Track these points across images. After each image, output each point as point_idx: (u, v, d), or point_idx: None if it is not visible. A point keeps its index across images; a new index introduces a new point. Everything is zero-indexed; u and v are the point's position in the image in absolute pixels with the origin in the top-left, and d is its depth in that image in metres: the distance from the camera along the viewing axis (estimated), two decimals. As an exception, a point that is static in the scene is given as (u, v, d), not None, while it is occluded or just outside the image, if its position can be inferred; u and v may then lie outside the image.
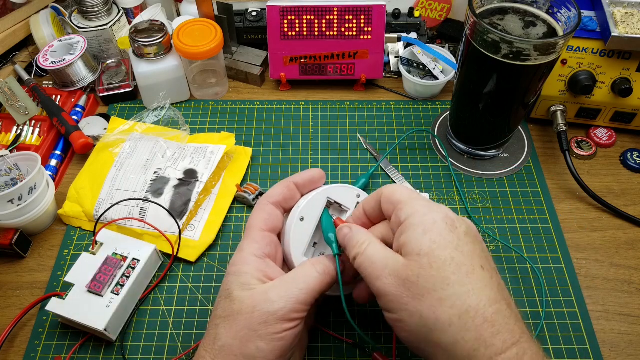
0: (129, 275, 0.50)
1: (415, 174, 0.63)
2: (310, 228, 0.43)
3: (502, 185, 0.62)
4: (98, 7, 0.70)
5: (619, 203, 0.59)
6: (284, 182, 0.45)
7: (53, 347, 0.49)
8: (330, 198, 0.44)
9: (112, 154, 0.62)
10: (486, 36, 0.49)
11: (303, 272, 0.40)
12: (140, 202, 0.56)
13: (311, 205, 0.44)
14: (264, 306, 0.37)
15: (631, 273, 0.54)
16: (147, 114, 0.67)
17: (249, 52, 0.75)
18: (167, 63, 0.66)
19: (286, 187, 0.44)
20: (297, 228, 0.43)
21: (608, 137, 0.65)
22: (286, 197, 0.44)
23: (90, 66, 0.70)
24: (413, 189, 0.40)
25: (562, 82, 0.62)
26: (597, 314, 0.51)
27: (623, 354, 0.48)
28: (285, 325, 0.37)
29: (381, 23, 0.66)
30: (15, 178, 0.58)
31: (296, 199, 0.45)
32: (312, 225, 0.43)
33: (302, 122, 0.69)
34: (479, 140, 0.62)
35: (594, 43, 0.59)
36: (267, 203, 0.43)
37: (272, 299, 0.37)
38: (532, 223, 0.58)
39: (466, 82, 0.57)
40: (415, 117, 0.69)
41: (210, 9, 0.69)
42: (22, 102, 0.65)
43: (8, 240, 0.53)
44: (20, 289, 0.53)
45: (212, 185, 0.60)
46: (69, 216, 0.58)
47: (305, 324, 0.45)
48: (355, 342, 0.49)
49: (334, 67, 0.70)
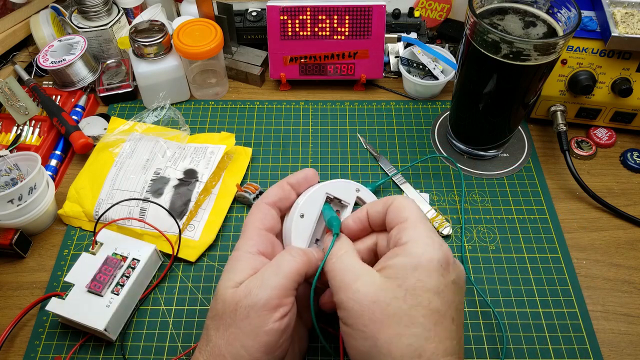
0: (129, 275, 0.50)
1: (415, 174, 0.63)
2: (310, 224, 0.43)
3: (502, 185, 0.62)
4: (98, 7, 0.70)
5: (619, 203, 0.59)
6: (279, 184, 0.45)
7: (53, 347, 0.49)
8: (329, 194, 0.44)
9: (112, 154, 0.62)
10: (486, 36, 0.49)
11: (278, 259, 0.39)
12: (140, 202, 0.56)
13: (311, 202, 0.44)
14: (245, 301, 0.36)
15: (631, 273, 0.54)
16: (147, 114, 0.67)
17: (249, 52, 0.75)
18: (167, 63, 0.66)
19: (281, 187, 0.44)
20: (297, 225, 0.43)
21: (608, 137, 0.65)
22: (281, 197, 0.44)
23: (90, 66, 0.70)
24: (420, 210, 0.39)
25: (562, 82, 0.62)
26: (597, 314, 0.51)
27: (623, 354, 0.48)
28: (269, 316, 0.36)
29: (381, 23, 0.66)
30: (15, 178, 0.58)
31: (291, 198, 0.45)
32: (312, 222, 0.43)
33: (302, 122, 0.69)
34: (479, 140, 0.62)
35: (594, 43, 0.59)
36: (262, 203, 0.44)
37: (252, 292, 0.37)
38: (532, 223, 0.58)
39: (466, 82, 0.57)
40: (415, 117, 0.69)
41: (210, 9, 0.69)
42: (22, 102, 0.65)
43: (8, 240, 0.53)
44: (20, 289, 0.53)
45: (212, 185, 0.60)
46: (69, 216, 0.58)
47: (303, 323, 0.45)
48: None
49: (334, 67, 0.70)
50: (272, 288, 0.37)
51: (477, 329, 0.50)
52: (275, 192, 0.44)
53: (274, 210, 0.44)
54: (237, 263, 0.40)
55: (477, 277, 0.54)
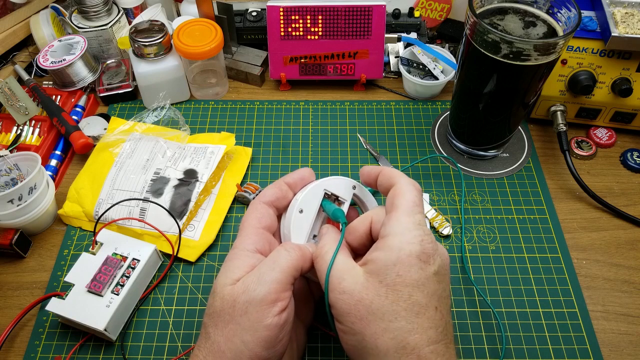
0: (129, 275, 0.50)
1: (416, 174, 0.63)
2: (309, 220, 0.44)
3: (502, 185, 0.62)
4: (98, 7, 0.70)
5: (619, 203, 0.59)
6: (276, 183, 0.45)
7: (53, 347, 0.49)
8: (327, 190, 0.45)
9: (112, 154, 0.62)
10: (486, 36, 0.49)
11: (273, 254, 0.40)
12: (140, 202, 0.56)
13: (309, 198, 0.44)
14: (242, 297, 0.37)
15: (631, 273, 0.54)
16: (147, 114, 0.67)
17: (249, 52, 0.75)
18: (167, 63, 0.66)
19: (278, 187, 0.45)
20: (296, 220, 0.43)
21: (608, 137, 0.65)
22: (278, 196, 0.44)
23: (90, 66, 0.70)
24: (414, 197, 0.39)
25: (562, 82, 0.62)
26: (597, 314, 0.51)
27: (623, 354, 0.48)
28: (268, 310, 0.36)
29: (381, 23, 0.66)
30: (15, 178, 0.58)
31: (288, 198, 0.45)
32: (311, 217, 0.44)
33: (302, 122, 0.69)
34: (479, 140, 0.62)
35: (594, 43, 0.59)
36: (259, 202, 0.44)
37: (250, 288, 0.37)
38: (532, 223, 0.58)
39: (466, 82, 0.57)
40: (415, 117, 0.69)
41: (210, 9, 0.69)
42: (22, 102, 0.65)
43: (8, 240, 0.53)
44: (20, 289, 0.53)
45: (212, 185, 0.60)
46: (69, 216, 0.58)
47: (301, 321, 0.45)
48: None
49: (334, 67, 0.70)
50: (269, 283, 0.37)
51: (477, 329, 0.50)
52: (273, 191, 0.44)
53: (271, 210, 0.44)
54: (234, 261, 0.40)
55: (477, 277, 0.54)
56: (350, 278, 0.36)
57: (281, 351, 0.38)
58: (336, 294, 0.36)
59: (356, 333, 0.35)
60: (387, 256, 0.36)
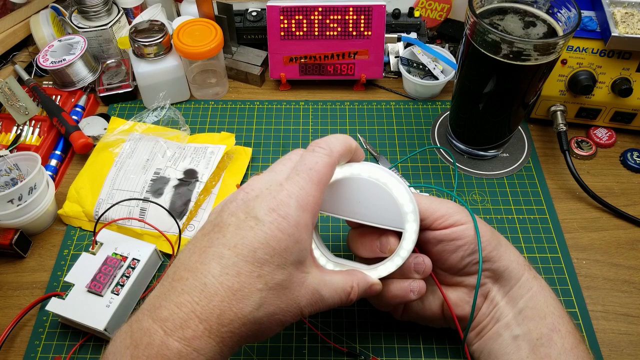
0: (129, 275, 0.50)
1: (416, 174, 0.63)
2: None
3: (502, 185, 0.62)
4: (98, 7, 0.70)
5: (619, 203, 0.59)
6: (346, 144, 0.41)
7: (53, 347, 0.49)
8: None
9: (112, 154, 0.62)
10: (486, 36, 0.49)
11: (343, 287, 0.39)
12: (140, 202, 0.56)
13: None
14: (312, 297, 0.36)
15: (631, 273, 0.54)
16: (147, 114, 0.67)
17: (249, 52, 0.75)
18: (167, 63, 0.66)
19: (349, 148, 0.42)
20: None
21: (608, 137, 0.65)
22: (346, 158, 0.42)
23: (90, 66, 0.70)
24: None
25: (562, 82, 0.62)
26: (597, 314, 0.51)
27: (623, 354, 0.48)
28: None
29: (381, 23, 0.66)
30: (15, 178, 0.58)
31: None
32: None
33: (302, 122, 0.69)
34: (479, 140, 0.62)
35: (594, 43, 0.59)
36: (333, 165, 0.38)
37: (324, 296, 0.37)
38: (532, 223, 0.58)
39: (466, 82, 0.57)
40: (415, 117, 0.69)
41: (210, 9, 0.69)
42: (22, 102, 0.65)
43: (8, 240, 0.53)
44: (20, 289, 0.53)
45: (212, 185, 0.60)
46: (69, 216, 0.58)
47: None
48: (350, 351, 0.48)
49: (333, 67, 0.70)
50: (324, 306, 0.38)
51: (477, 329, 0.50)
52: (346, 152, 0.42)
53: None
54: (303, 235, 0.36)
55: (477, 277, 0.54)
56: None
57: None
58: None
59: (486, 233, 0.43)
60: None
